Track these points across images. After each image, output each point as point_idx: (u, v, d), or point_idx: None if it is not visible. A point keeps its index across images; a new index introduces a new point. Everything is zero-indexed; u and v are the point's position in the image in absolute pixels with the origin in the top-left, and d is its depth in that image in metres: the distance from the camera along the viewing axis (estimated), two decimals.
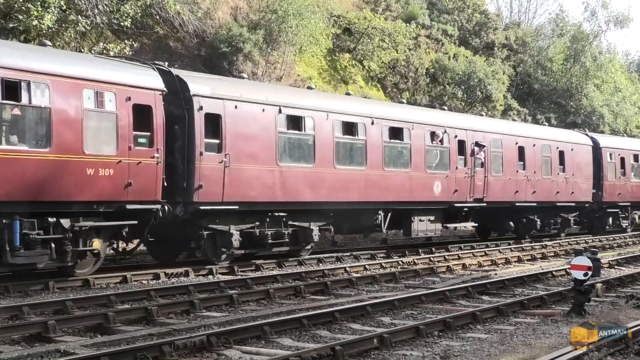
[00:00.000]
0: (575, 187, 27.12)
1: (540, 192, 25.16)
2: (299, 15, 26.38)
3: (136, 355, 7.85)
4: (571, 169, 26.98)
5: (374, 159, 18.85)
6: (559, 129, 33.24)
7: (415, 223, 20.38)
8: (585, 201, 28.03)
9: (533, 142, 25.22)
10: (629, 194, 30.44)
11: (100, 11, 20.42)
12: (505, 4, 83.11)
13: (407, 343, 9.20)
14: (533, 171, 24.89)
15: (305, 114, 17.31)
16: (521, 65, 44.00)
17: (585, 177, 27.88)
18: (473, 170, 22.16)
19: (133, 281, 14.06)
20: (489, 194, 22.82)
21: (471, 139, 22.32)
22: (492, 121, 26.74)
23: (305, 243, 17.77)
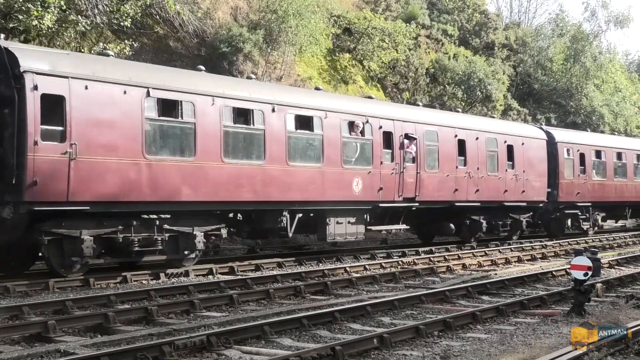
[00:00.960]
0: (527, 186, 24.55)
1: (484, 191, 22.58)
2: (299, 15, 26.38)
3: (136, 355, 7.85)
4: (521, 165, 24.36)
5: (275, 152, 16.23)
6: (509, 122, 30.89)
7: (332, 226, 17.82)
8: (539, 201, 25.48)
9: (476, 135, 22.53)
10: (590, 193, 27.76)
11: (100, 11, 20.42)
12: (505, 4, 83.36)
13: (407, 343, 9.20)
14: (476, 167, 22.22)
15: (183, 98, 14.56)
16: (521, 65, 44.02)
17: (539, 174, 25.30)
18: (402, 166, 19.47)
19: (133, 281, 14.06)
20: (422, 193, 20.20)
21: (400, 130, 19.64)
22: (425, 111, 23.42)
23: (189, 251, 15.21)
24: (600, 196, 28.32)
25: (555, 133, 27.18)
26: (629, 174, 30.37)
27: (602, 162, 28.94)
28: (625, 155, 30.31)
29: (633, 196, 30.66)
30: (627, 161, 30.33)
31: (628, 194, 30.21)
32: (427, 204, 20.79)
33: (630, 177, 30.47)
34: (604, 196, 28.56)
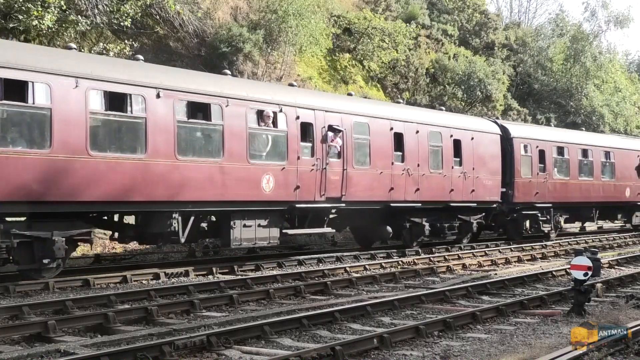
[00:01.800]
0: (477, 185, 22.23)
1: (426, 190, 20.24)
2: (299, 15, 26.38)
3: (136, 355, 7.85)
4: (471, 162, 21.99)
5: (160, 144, 13.90)
6: (457, 114, 28.12)
7: (237, 230, 15.68)
8: (492, 201, 23.11)
9: (416, 128, 20.15)
10: (551, 193, 25.44)
11: (100, 11, 20.42)
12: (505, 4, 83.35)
13: (407, 343, 9.20)
14: (416, 164, 19.93)
15: (33, 78, 12.22)
16: (521, 65, 44.04)
17: (491, 172, 22.88)
18: (325, 162, 17.28)
19: (133, 281, 14.06)
20: (350, 192, 17.96)
21: (322, 121, 17.41)
22: (354, 101, 20.57)
23: (49, 259, 12.91)
24: (562, 196, 26.16)
25: (511, 128, 24.92)
26: (596, 172, 28.00)
27: (565, 159, 26.62)
28: (591, 152, 27.86)
29: (600, 196, 28.31)
30: (593, 159, 27.93)
31: (595, 194, 27.86)
32: (357, 205, 18.68)
33: (597, 176, 28.08)
34: (567, 196, 26.45)
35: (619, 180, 29.10)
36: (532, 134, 25.71)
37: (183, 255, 18.14)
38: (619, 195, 29.15)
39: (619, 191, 29.11)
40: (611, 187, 28.72)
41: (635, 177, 30.08)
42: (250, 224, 15.99)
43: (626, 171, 29.70)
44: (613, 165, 29.03)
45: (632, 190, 29.74)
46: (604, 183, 28.48)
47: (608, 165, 28.91)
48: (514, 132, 24.51)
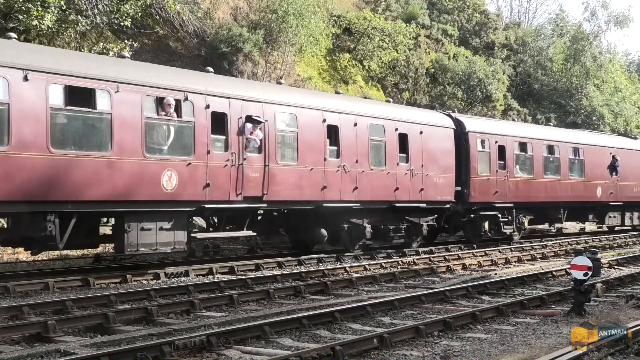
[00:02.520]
0: (427, 183, 20.43)
1: (366, 189, 18.59)
2: (299, 15, 26.39)
3: (136, 355, 7.85)
4: (419, 158, 20.18)
5: (29, 136, 12.20)
6: (404, 106, 26.01)
7: (133, 233, 13.80)
8: (445, 201, 21.26)
9: (354, 121, 18.38)
10: (512, 192, 23.62)
11: (100, 11, 20.43)
12: (505, 4, 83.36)
13: (407, 343, 9.20)
14: (354, 160, 18.15)
15: None
16: (521, 65, 44.05)
17: (444, 169, 21.09)
18: (241, 157, 15.44)
19: (133, 281, 14.06)
20: (274, 191, 16.17)
21: (239, 111, 15.56)
22: (278, 89, 18.35)
23: None
24: (525, 196, 24.32)
25: (466, 121, 22.93)
26: (563, 170, 26.16)
27: (529, 156, 24.70)
28: (558, 148, 26.00)
29: (568, 196, 26.49)
30: (560, 156, 26.07)
31: (562, 193, 26.05)
32: (282, 205, 17.12)
33: (565, 174, 26.28)
34: (531, 196, 24.60)
35: (590, 178, 27.46)
36: (490, 129, 23.77)
37: (183, 255, 18.13)
38: (590, 195, 27.54)
39: (590, 190, 27.49)
40: (580, 186, 27.09)
41: (607, 176, 28.45)
42: (150, 226, 14.04)
43: (597, 169, 28.06)
44: (582, 163, 27.32)
45: (604, 190, 28.14)
46: (573, 182, 26.74)
47: (577, 162, 27.19)
48: (470, 126, 22.62)
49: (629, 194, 29.56)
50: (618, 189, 28.86)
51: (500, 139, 23.38)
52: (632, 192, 29.86)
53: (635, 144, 31.60)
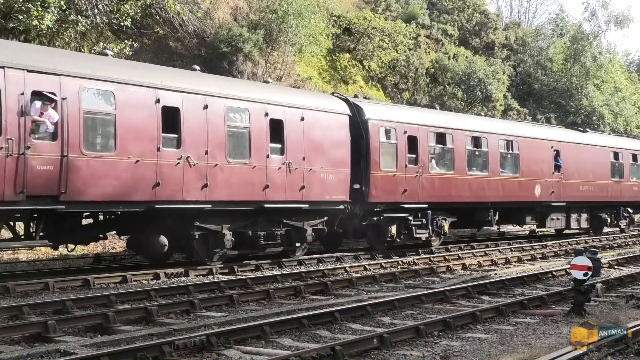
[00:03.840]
0: (312, 180, 17.01)
1: (221, 186, 15.16)
2: (299, 15, 26.40)
3: (136, 355, 7.85)
4: (299, 149, 16.83)
5: None
6: (278, 86, 21.42)
7: None
8: (336, 201, 17.81)
9: (203, 103, 14.89)
10: (427, 191, 20.16)
11: (100, 11, 20.43)
12: (505, 4, 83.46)
13: (407, 343, 9.20)
14: (202, 151, 14.75)
15: None
16: (521, 65, 44.08)
17: (334, 163, 17.66)
18: (24, 144, 12.00)
19: (133, 281, 14.06)
20: (78, 189, 12.73)
21: (20, 85, 12.15)
22: (87, 59, 14.92)
23: None
24: (444, 195, 20.92)
25: (367, 107, 19.34)
26: (492, 165, 22.71)
27: (448, 149, 21.30)
28: (485, 141, 22.58)
29: (500, 195, 23.06)
30: (489, 149, 22.64)
31: (491, 192, 22.63)
32: (93, 207, 13.73)
33: (495, 171, 22.82)
34: (452, 195, 21.22)
35: (526, 175, 24.06)
36: (398, 116, 20.06)
37: (183, 256, 18.11)
38: (526, 194, 24.15)
39: (526, 189, 24.09)
40: (514, 184, 23.67)
41: (548, 173, 25.07)
42: None
43: (536, 165, 24.63)
44: (517, 158, 23.86)
45: (544, 188, 24.72)
46: (505, 179, 23.24)
47: (510, 157, 23.82)
48: (370, 113, 19.10)
49: (573, 193, 26.38)
50: (561, 187, 25.61)
51: (411, 129, 19.88)
52: (578, 192, 26.66)
53: (582, 137, 28.34)
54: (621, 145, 30.47)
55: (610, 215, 29.29)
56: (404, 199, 19.64)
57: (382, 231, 19.66)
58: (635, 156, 30.80)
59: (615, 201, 29.23)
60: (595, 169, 27.69)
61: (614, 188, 28.79)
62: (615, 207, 29.60)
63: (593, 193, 27.38)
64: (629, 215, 30.67)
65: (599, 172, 27.94)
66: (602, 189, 28.01)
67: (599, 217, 28.56)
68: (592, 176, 27.44)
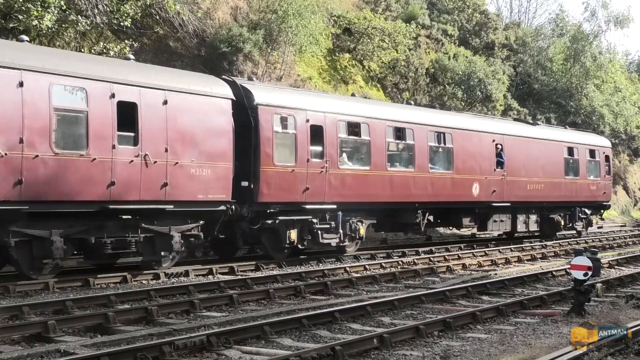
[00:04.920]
0: (178, 175, 14.45)
1: (42, 183, 12.49)
2: (299, 15, 26.39)
3: (136, 355, 7.85)
4: (160, 139, 14.18)
5: None
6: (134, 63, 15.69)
7: None
8: (217, 201, 15.28)
9: (17, 79, 12.23)
10: (336, 189, 17.68)
11: (100, 11, 20.42)
12: (505, 4, 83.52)
13: (407, 343, 9.20)
14: (16, 139, 12.10)
15: None
16: (521, 65, 44.07)
17: (211, 156, 15.10)
18: None
19: (133, 281, 14.07)
20: None
21: None
22: None
23: None
24: (358, 194, 18.34)
25: (257, 91, 16.60)
26: (420, 160, 20.07)
27: (364, 141, 18.64)
28: (410, 132, 19.85)
29: (429, 194, 20.40)
30: (415, 141, 19.98)
31: (419, 190, 19.99)
32: None
33: (422, 166, 20.11)
34: (368, 194, 18.62)
35: (461, 172, 21.45)
36: (298, 102, 17.35)
37: (183, 256, 18.11)
38: (462, 194, 21.59)
39: (462, 188, 21.50)
40: (446, 181, 21.05)
41: (488, 169, 22.46)
42: None
43: (473, 160, 22.00)
44: (450, 152, 21.24)
45: (483, 187, 22.15)
46: (435, 176, 20.60)
47: (442, 151, 21.27)
48: (262, 97, 16.47)
49: (520, 192, 23.84)
50: (504, 186, 23.02)
51: (315, 117, 17.34)
52: (525, 191, 24.13)
53: (531, 131, 25.73)
54: (577, 140, 27.81)
55: (564, 216, 26.66)
56: (306, 198, 17.06)
57: (278, 236, 17.01)
58: (593, 152, 28.12)
59: (569, 201, 26.62)
60: (546, 166, 25.14)
61: (568, 187, 26.28)
62: (570, 207, 26.95)
63: (543, 192, 24.88)
64: (585, 216, 27.88)
65: (551, 169, 25.43)
66: (555, 188, 25.50)
67: (551, 219, 26.06)
68: (543, 174, 24.92)
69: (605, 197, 28.74)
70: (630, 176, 50.45)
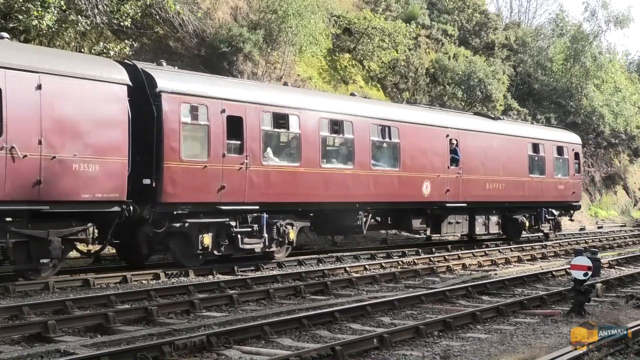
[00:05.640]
0: (56, 171, 12.61)
1: None
2: (298, 15, 26.39)
3: (136, 355, 7.85)
4: (33, 130, 12.31)
5: None
6: None
7: None
8: (108, 201, 13.47)
9: None
10: (259, 188, 15.79)
11: (100, 11, 20.42)
12: (505, 4, 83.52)
13: (407, 343, 9.20)
14: None
15: None
16: (521, 65, 44.08)
17: (101, 149, 13.27)
18: None
19: (133, 281, 14.07)
20: None
21: None
22: None
23: None
24: (287, 193, 16.55)
25: (160, 76, 14.68)
26: (360, 157, 18.19)
27: (293, 134, 16.84)
28: (350, 126, 18.01)
29: (372, 194, 18.62)
30: (355, 136, 18.10)
31: (360, 190, 18.26)
32: None
33: (363, 164, 18.26)
34: (299, 193, 16.83)
35: (410, 170, 19.65)
36: (211, 90, 15.45)
37: None
38: (410, 193, 19.70)
39: (410, 186, 19.68)
40: (393, 180, 19.19)
41: (441, 167, 20.71)
42: None
43: (424, 157, 20.18)
44: (397, 148, 19.35)
45: (435, 186, 20.38)
46: (378, 174, 18.77)
47: (387, 147, 19.42)
48: (166, 84, 14.57)
49: (478, 192, 22.04)
50: (460, 185, 21.27)
51: (233, 107, 15.48)
52: (484, 190, 22.35)
53: (490, 126, 23.89)
54: (543, 135, 26.05)
55: (529, 218, 25.00)
56: (222, 198, 15.18)
57: (189, 242, 15.10)
58: (561, 149, 26.41)
59: (535, 201, 25.01)
60: (508, 164, 23.45)
61: (533, 186, 24.57)
62: (536, 208, 25.32)
63: (505, 192, 23.16)
64: (553, 217, 26.16)
65: (513, 167, 23.72)
66: (518, 187, 23.83)
67: (514, 221, 24.37)
68: (504, 172, 23.14)
69: (575, 197, 27.27)
70: (630, 176, 50.44)
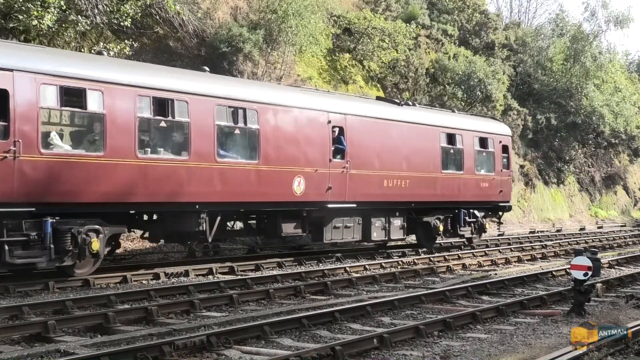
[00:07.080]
0: None
1: None
2: (298, 15, 26.38)
3: (136, 355, 7.85)
4: None
5: None
6: None
7: None
8: None
9: None
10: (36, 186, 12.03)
11: (100, 11, 20.41)
12: (505, 4, 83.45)
13: (407, 343, 9.21)
14: None
15: None
16: (521, 65, 44.06)
17: None
18: None
19: (133, 281, 14.07)
20: None
21: None
22: None
23: None
24: (80, 191, 12.70)
25: None
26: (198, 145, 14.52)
27: (96, 116, 13.09)
28: (185, 107, 14.33)
29: (219, 192, 15.02)
30: (191, 120, 14.44)
31: (201, 187, 14.62)
32: None
33: (205, 154, 14.66)
34: (98, 191, 12.99)
35: (274, 163, 16.08)
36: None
37: (183, 255, 18.13)
38: (276, 191, 16.19)
39: (275, 183, 16.15)
40: (249, 175, 15.54)
41: (321, 160, 17.14)
42: None
43: (295, 147, 16.57)
44: (254, 136, 15.75)
45: (312, 183, 16.86)
46: (226, 167, 15.08)
47: (240, 134, 15.80)
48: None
49: (370, 190, 18.47)
50: (346, 181, 17.72)
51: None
52: (380, 188, 18.72)
53: (390, 112, 19.98)
54: (461, 125, 22.08)
55: (444, 221, 21.30)
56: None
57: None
58: (485, 141, 22.56)
59: (451, 201, 21.33)
60: (414, 157, 19.79)
61: (447, 184, 20.95)
62: (453, 209, 21.56)
63: (410, 191, 19.54)
64: (475, 220, 22.31)
65: (421, 161, 20.02)
66: (428, 185, 20.27)
67: (425, 224, 20.79)
68: (408, 167, 19.51)
69: (504, 196, 23.29)
70: (630, 176, 50.43)
